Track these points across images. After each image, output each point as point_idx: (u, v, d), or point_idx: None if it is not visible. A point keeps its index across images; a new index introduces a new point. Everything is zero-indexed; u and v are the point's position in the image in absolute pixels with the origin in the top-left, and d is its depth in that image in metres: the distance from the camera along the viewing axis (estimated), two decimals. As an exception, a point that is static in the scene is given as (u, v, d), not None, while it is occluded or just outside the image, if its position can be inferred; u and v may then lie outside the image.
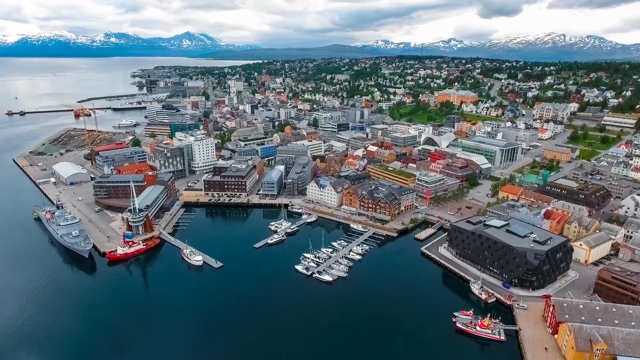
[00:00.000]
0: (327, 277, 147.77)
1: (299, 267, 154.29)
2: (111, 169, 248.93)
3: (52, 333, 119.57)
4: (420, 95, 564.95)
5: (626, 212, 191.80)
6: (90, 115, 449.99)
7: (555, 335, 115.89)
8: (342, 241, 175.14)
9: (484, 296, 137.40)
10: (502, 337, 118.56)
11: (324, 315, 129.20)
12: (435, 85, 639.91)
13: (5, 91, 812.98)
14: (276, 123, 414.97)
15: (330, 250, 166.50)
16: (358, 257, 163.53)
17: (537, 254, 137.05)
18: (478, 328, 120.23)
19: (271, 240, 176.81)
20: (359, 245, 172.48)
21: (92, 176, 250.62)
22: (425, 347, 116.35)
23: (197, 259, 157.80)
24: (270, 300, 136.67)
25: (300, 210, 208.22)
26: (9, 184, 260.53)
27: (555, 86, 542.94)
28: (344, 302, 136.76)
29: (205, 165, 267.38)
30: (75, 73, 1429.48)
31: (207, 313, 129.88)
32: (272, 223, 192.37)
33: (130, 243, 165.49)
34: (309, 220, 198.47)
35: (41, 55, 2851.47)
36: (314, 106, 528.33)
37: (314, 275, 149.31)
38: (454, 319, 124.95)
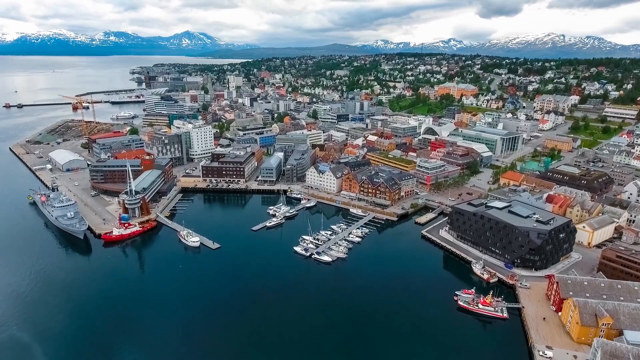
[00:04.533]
0: (326, 258, 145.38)
1: (297, 249, 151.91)
2: (108, 156, 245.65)
3: (47, 313, 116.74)
4: (420, 88, 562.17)
5: (629, 197, 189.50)
6: (88, 107, 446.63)
7: (559, 313, 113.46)
8: (342, 224, 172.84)
9: (485, 276, 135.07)
10: (505, 315, 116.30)
11: (324, 294, 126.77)
12: (435, 80, 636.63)
13: (4, 86, 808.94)
14: (275, 115, 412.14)
15: (330, 232, 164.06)
16: (358, 239, 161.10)
17: (540, 233, 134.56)
18: (480, 306, 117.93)
19: (269, 223, 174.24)
20: (358, 228, 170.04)
21: (89, 163, 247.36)
22: (426, 324, 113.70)
23: (194, 240, 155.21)
24: (268, 279, 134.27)
25: (299, 196, 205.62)
26: (4, 171, 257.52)
27: (555, 80, 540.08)
28: (343, 281, 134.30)
29: (204, 153, 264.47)
30: (74, 70, 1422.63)
31: (204, 292, 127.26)
32: (271, 207, 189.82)
33: (126, 225, 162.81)
34: (308, 205, 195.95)
35: (40, 54, 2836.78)
36: (314, 99, 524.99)
37: (312, 256, 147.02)
38: (455, 298, 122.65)
